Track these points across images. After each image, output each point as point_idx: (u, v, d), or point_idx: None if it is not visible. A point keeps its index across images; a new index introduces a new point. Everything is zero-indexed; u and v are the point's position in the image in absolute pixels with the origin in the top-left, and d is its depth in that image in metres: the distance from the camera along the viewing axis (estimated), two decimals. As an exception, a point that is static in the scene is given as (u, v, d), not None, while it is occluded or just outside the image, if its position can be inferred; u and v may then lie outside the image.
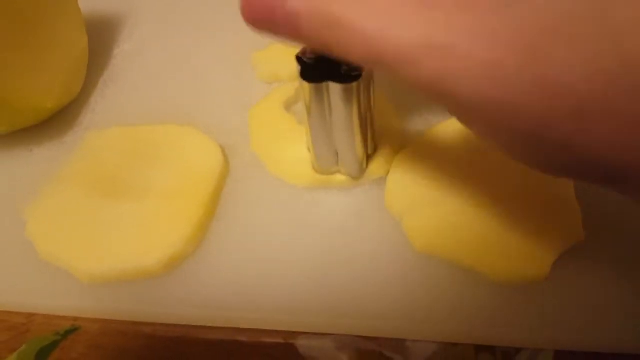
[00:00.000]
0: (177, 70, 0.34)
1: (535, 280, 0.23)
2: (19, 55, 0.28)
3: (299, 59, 0.23)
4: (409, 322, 0.22)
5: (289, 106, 0.31)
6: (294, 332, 0.23)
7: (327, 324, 0.23)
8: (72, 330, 0.20)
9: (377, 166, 0.27)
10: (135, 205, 0.26)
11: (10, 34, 0.27)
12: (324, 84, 0.23)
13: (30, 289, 0.24)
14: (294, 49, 0.34)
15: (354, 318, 0.23)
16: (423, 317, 0.22)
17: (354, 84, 0.22)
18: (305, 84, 0.23)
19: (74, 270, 0.24)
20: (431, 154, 0.27)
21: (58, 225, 0.26)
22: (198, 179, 0.27)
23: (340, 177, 0.27)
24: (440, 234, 0.24)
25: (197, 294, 0.24)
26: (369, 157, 0.27)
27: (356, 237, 0.25)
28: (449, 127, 0.28)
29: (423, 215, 0.25)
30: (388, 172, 0.27)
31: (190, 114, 0.31)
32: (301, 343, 0.23)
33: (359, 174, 0.27)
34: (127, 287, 0.24)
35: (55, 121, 0.31)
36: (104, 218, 0.26)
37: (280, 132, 0.29)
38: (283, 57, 0.33)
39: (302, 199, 0.27)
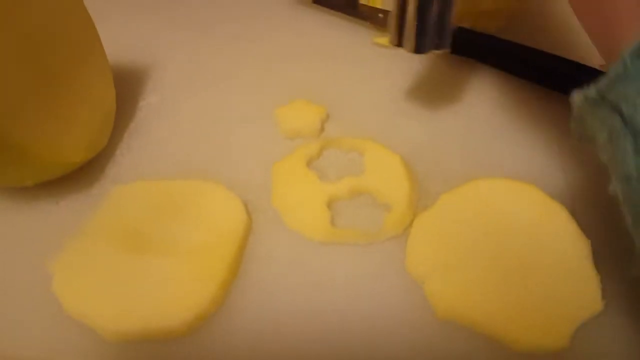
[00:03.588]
0: (202, 123, 0.35)
1: (555, 351, 0.23)
2: (47, 110, 0.28)
3: None
4: (430, 390, 0.23)
5: (310, 162, 0.32)
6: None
7: (348, 389, 0.23)
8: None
9: (392, 224, 0.28)
10: (160, 261, 0.26)
11: (40, 89, 0.28)
12: None
13: (54, 345, 0.25)
14: (316, 106, 0.35)
15: (375, 384, 0.23)
16: (444, 386, 0.23)
17: None
18: None
19: (98, 327, 0.24)
20: (451, 217, 0.28)
21: (84, 281, 0.26)
22: (222, 236, 0.27)
23: (355, 231, 0.28)
24: (462, 300, 0.25)
25: (219, 354, 0.24)
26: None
27: (375, 299, 0.25)
28: (468, 191, 0.29)
29: (445, 281, 0.25)
30: (402, 231, 0.28)
31: (214, 169, 0.32)
32: (322, 408, 0.23)
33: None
34: (150, 346, 0.24)
35: (81, 173, 0.31)
36: (129, 274, 0.26)
37: (301, 187, 0.30)
38: (305, 113, 0.34)
39: (322, 257, 0.27)
